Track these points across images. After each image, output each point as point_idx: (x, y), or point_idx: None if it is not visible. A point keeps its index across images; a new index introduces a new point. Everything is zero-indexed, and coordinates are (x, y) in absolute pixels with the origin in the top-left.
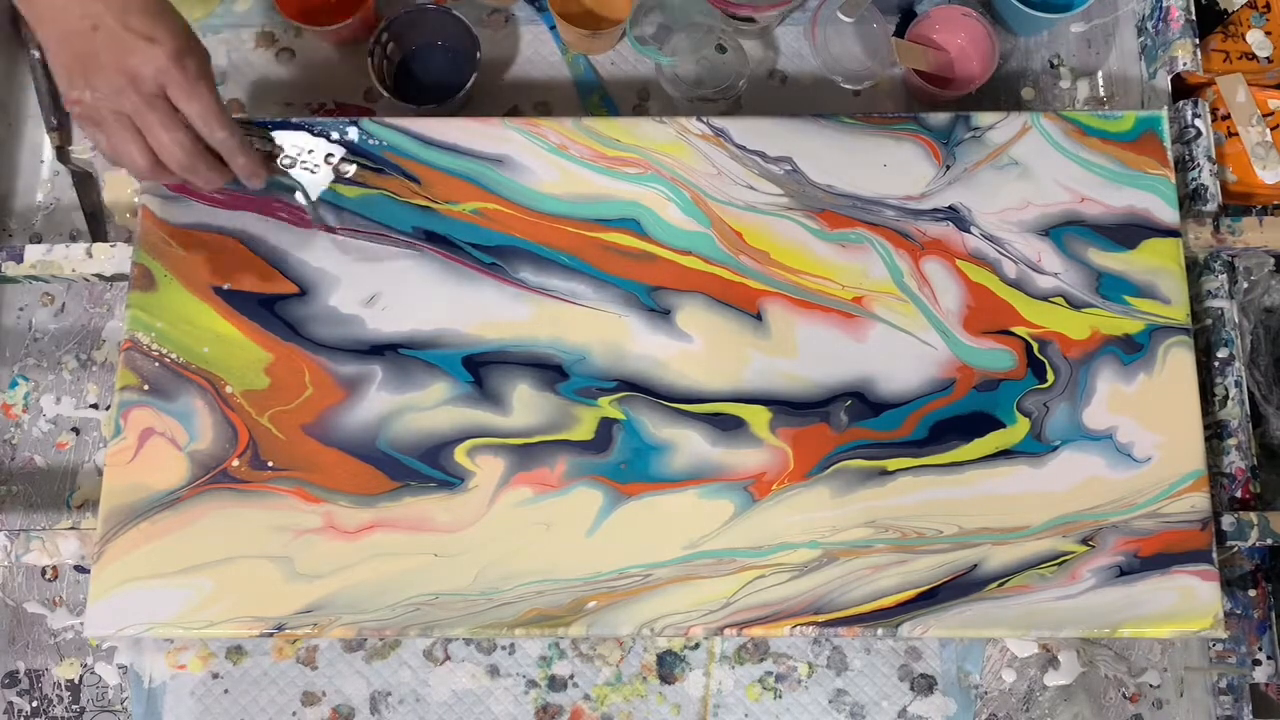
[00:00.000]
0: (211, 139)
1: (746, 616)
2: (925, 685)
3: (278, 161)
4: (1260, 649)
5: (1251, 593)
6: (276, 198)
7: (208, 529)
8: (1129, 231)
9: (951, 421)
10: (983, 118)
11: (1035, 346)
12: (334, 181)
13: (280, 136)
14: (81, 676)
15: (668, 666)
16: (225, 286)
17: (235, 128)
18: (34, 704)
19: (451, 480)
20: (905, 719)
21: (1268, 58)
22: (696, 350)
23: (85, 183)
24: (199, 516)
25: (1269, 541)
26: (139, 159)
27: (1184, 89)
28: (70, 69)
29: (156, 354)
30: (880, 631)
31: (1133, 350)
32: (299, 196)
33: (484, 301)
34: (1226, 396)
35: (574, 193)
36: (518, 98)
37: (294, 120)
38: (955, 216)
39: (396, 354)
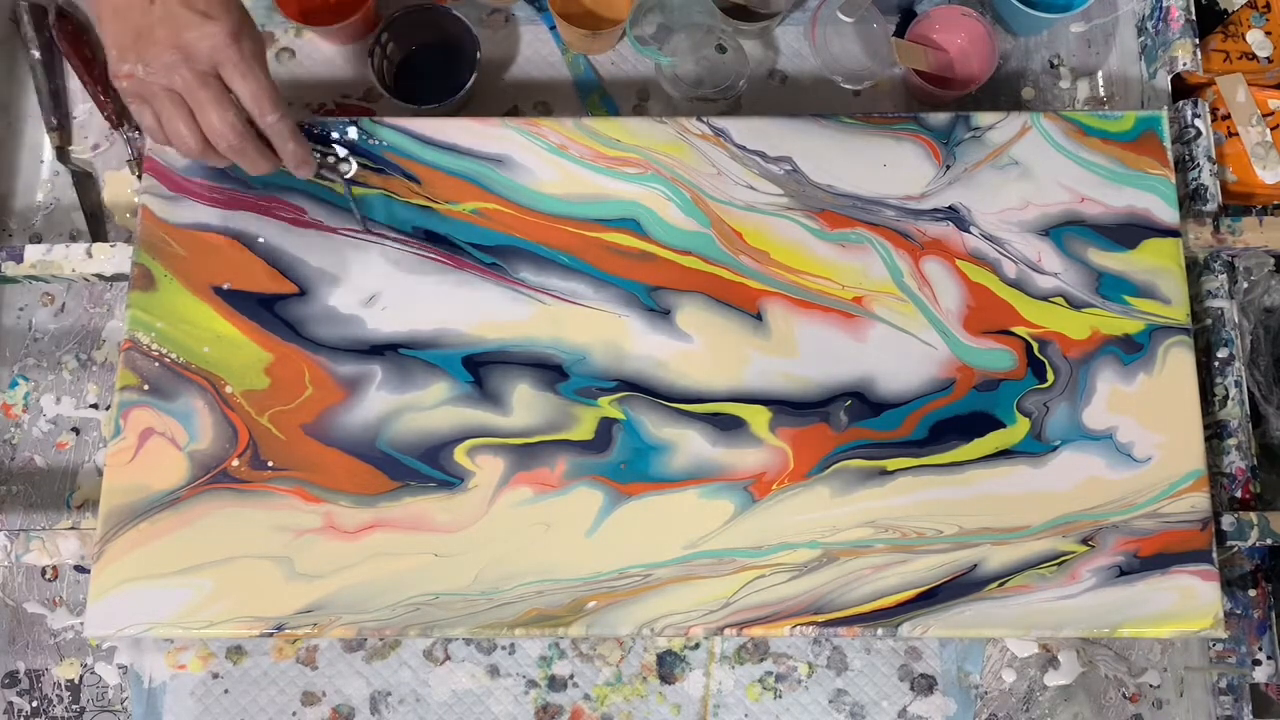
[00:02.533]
0: (262, 122)
1: (746, 616)
2: (925, 685)
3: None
4: (1260, 649)
5: (1251, 593)
6: (276, 198)
7: (208, 529)
8: (1129, 231)
9: (951, 421)
10: (983, 118)
11: (1035, 346)
12: (334, 181)
13: None
14: (81, 676)
15: (668, 666)
16: (225, 286)
17: (287, 112)
18: (34, 704)
19: (451, 480)
20: (905, 719)
21: (1268, 58)
22: (696, 350)
23: (85, 183)
24: (199, 516)
25: (1269, 541)
26: (188, 138)
27: (1184, 89)
28: (123, 42)
29: (156, 354)
30: (880, 631)
31: (1133, 350)
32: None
33: (484, 301)
34: (1226, 396)
35: (574, 193)
36: (518, 98)
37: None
38: (955, 216)
39: (396, 354)
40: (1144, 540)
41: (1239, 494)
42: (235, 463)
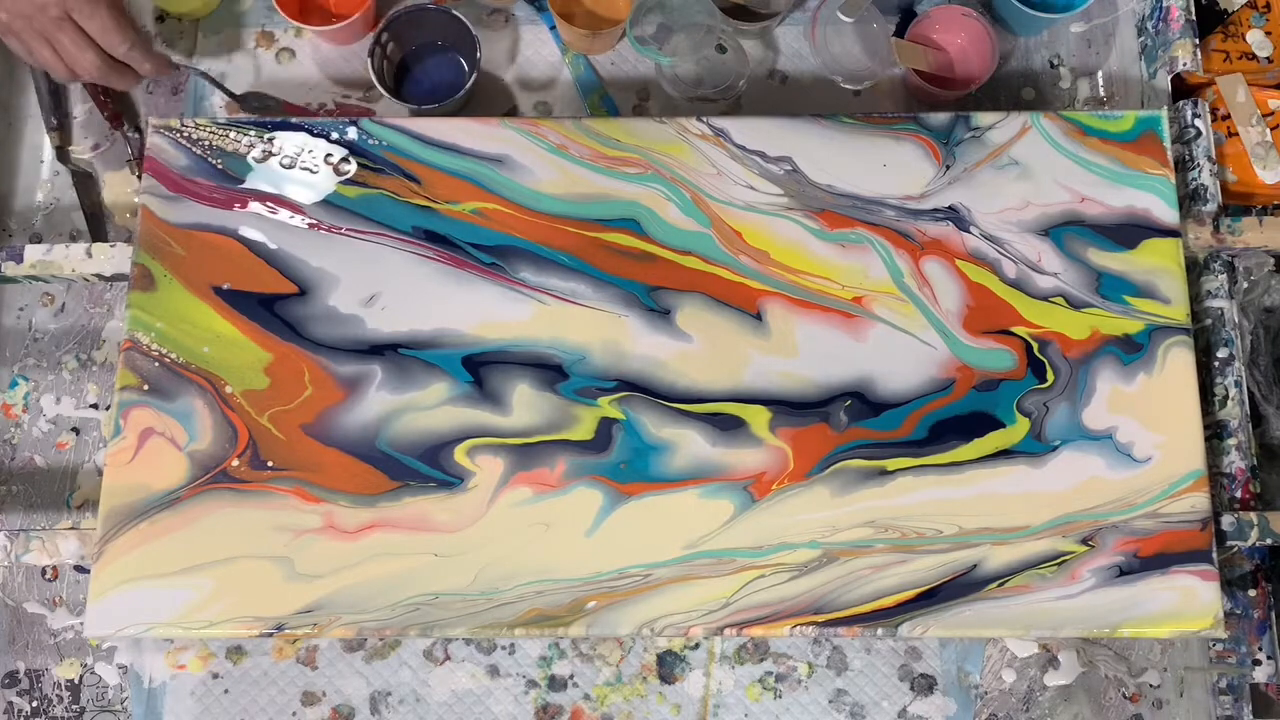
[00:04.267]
0: (115, 53)
1: (746, 616)
2: (925, 685)
3: (278, 161)
4: (1260, 649)
5: (1251, 593)
6: (277, 197)
7: (207, 529)
8: (1129, 231)
9: (951, 421)
10: (983, 118)
11: (1035, 346)
12: (334, 181)
13: (280, 136)
14: (81, 676)
15: (668, 666)
16: (225, 286)
17: (136, 37)
18: (34, 704)
19: (451, 480)
20: (905, 719)
21: (1268, 58)
22: (696, 350)
23: (85, 183)
24: (199, 516)
25: (1269, 541)
26: (56, 68)
27: (1184, 89)
28: None
29: (156, 354)
30: (880, 631)
31: (1133, 350)
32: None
33: (484, 301)
34: (1226, 396)
35: (574, 193)
36: (518, 98)
37: (294, 120)
38: (955, 216)
39: (396, 354)
40: (1144, 540)
41: (1239, 494)
42: (235, 463)
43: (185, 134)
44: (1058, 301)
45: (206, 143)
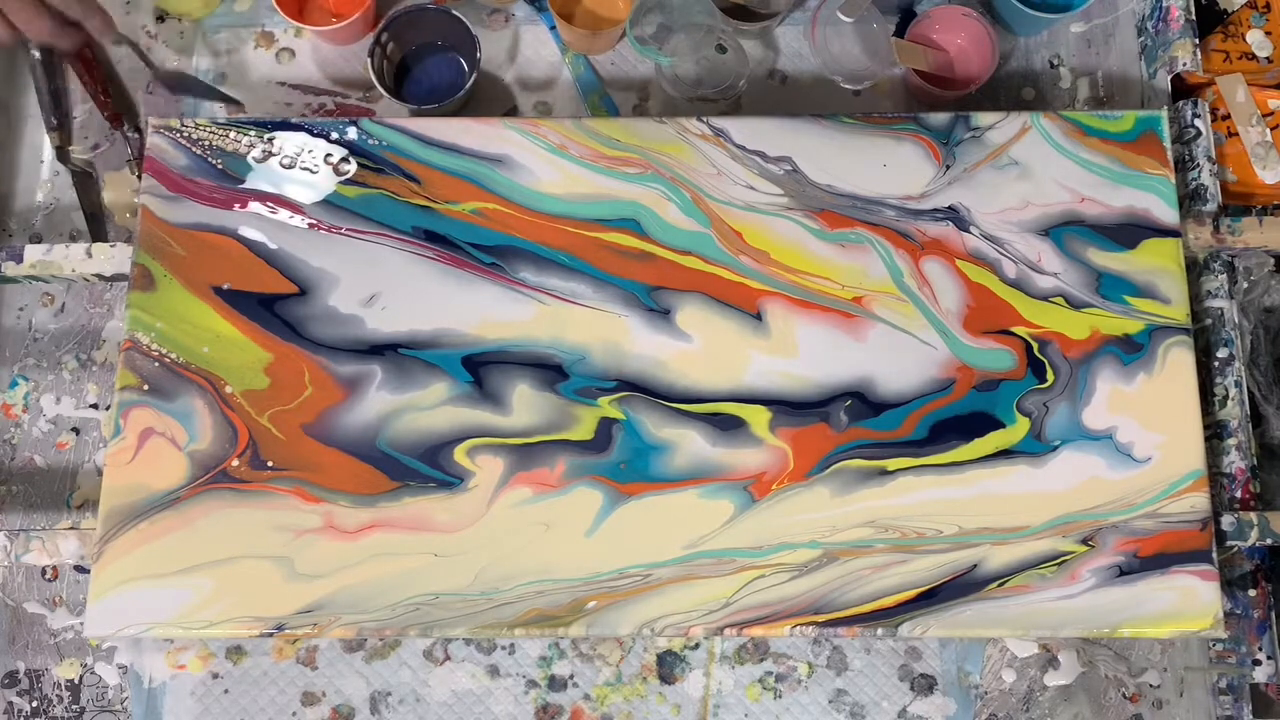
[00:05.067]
0: (69, 11)
1: (746, 616)
2: (925, 685)
3: (278, 161)
4: (1260, 649)
5: (1251, 593)
6: (276, 197)
7: (207, 529)
8: (1129, 231)
9: (951, 421)
10: (983, 118)
11: (1035, 346)
12: (334, 181)
13: (280, 136)
14: (81, 676)
15: (668, 666)
16: (225, 286)
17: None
18: (34, 704)
19: (451, 480)
20: (905, 719)
21: (1268, 58)
22: (696, 350)
23: (85, 183)
24: (199, 516)
25: (1269, 541)
26: (3, 34)
27: (1184, 89)
28: None
29: (156, 354)
30: (880, 631)
31: (1133, 350)
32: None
33: (484, 301)
34: (1226, 396)
35: (574, 193)
36: (518, 98)
37: (294, 120)
38: (955, 216)
39: (396, 354)
40: (1144, 540)
41: (1239, 494)
42: (235, 463)
43: (185, 134)
44: (1058, 301)
45: (206, 143)
